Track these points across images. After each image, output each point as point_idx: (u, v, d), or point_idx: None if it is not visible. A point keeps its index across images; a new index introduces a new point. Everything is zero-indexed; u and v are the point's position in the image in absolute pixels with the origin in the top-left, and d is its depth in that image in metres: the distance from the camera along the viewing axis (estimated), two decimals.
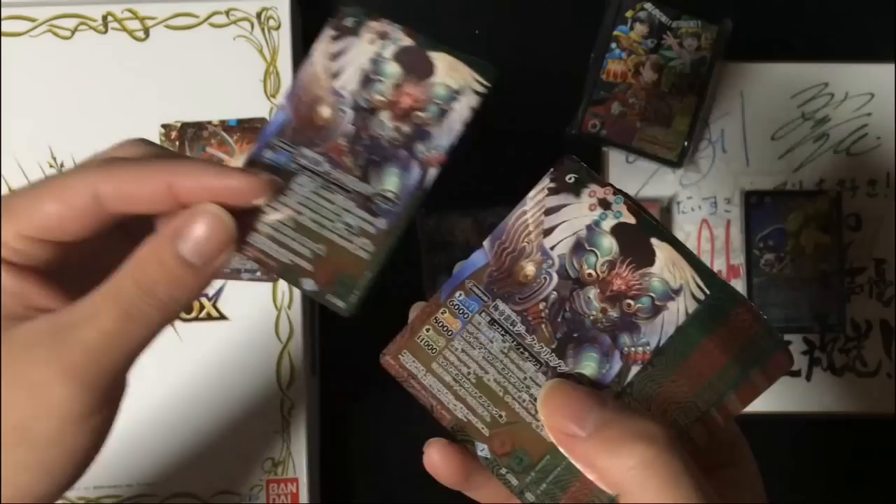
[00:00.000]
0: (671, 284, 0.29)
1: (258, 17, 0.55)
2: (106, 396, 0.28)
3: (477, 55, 0.65)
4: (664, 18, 0.57)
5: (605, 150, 0.58)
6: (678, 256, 0.30)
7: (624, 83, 0.57)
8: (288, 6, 0.55)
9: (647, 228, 0.30)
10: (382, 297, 0.35)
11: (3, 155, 0.54)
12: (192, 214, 0.29)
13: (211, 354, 0.54)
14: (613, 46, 0.57)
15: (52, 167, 0.54)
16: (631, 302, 0.30)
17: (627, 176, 0.58)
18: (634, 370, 0.30)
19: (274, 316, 0.54)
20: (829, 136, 0.59)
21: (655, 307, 0.30)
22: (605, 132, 0.57)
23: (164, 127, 0.55)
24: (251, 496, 0.53)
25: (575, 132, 0.58)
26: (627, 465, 0.27)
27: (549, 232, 0.30)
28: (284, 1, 0.55)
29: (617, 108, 0.57)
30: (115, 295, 0.28)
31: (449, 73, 0.31)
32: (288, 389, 0.53)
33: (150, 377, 0.52)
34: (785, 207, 0.57)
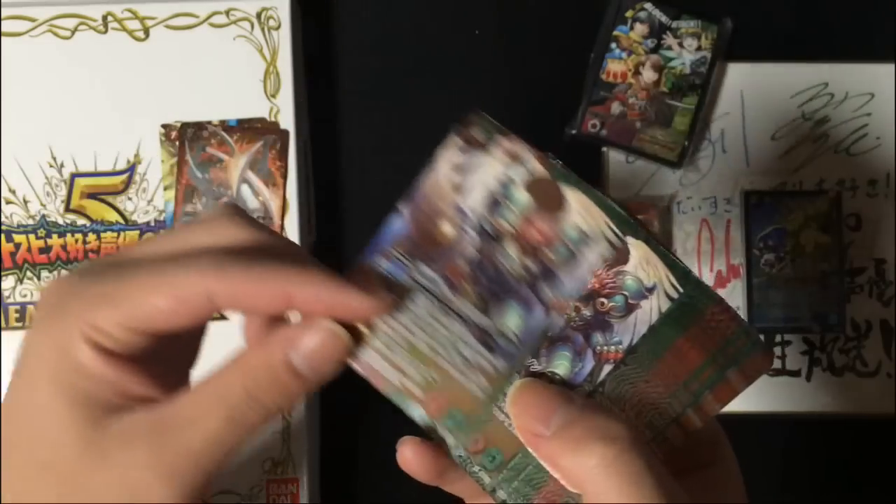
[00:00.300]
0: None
1: (258, 17, 0.55)
2: (201, 496, 0.28)
3: (477, 55, 0.65)
4: (664, 18, 0.57)
5: (605, 150, 0.58)
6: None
7: (624, 83, 0.57)
8: (288, 6, 0.55)
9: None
10: None
11: (3, 155, 0.54)
12: (308, 327, 0.29)
13: (211, 354, 0.53)
14: (613, 46, 0.57)
15: (52, 167, 0.54)
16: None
17: (627, 176, 0.58)
18: (607, 369, 0.30)
19: None
20: (829, 136, 0.59)
21: (629, 305, 0.29)
22: (605, 132, 0.57)
23: (164, 127, 0.55)
24: (251, 496, 0.53)
25: (575, 132, 0.58)
26: (588, 464, 0.27)
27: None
28: (284, 1, 0.55)
29: (617, 108, 0.57)
30: (221, 399, 0.28)
31: (581, 213, 0.29)
32: None
33: None
34: (785, 207, 0.57)
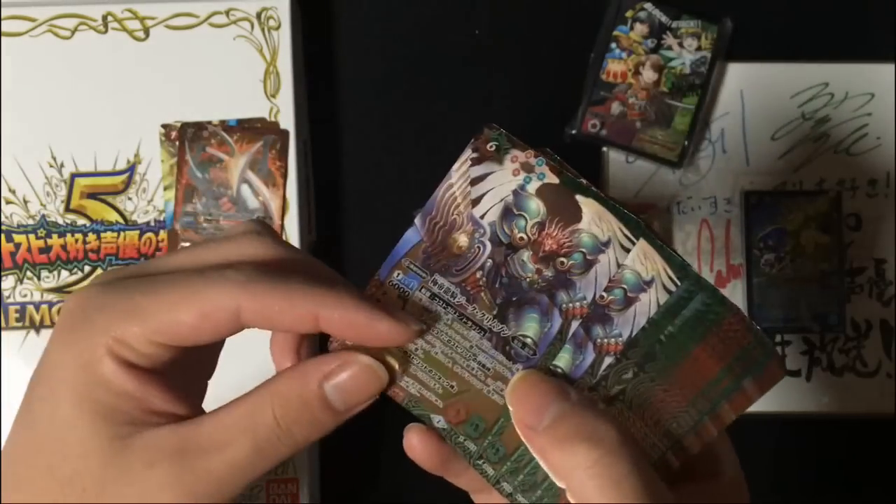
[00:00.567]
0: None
1: (258, 17, 0.55)
2: None
3: (477, 55, 0.65)
4: (664, 18, 0.57)
5: (605, 150, 0.58)
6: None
7: (624, 83, 0.57)
8: (288, 6, 0.55)
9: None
10: None
11: (3, 155, 0.54)
12: (346, 362, 0.28)
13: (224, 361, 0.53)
14: (613, 46, 0.57)
15: (52, 167, 0.54)
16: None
17: (627, 176, 0.58)
18: (608, 361, 0.30)
19: None
20: (829, 136, 0.59)
21: (628, 298, 0.30)
22: (605, 132, 0.57)
23: (164, 127, 0.55)
24: (251, 496, 0.53)
25: (575, 132, 0.58)
26: (572, 463, 0.27)
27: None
28: (284, 1, 0.55)
29: (617, 108, 0.57)
30: (249, 428, 0.27)
31: (595, 221, 0.30)
32: None
33: None
34: (785, 207, 0.57)
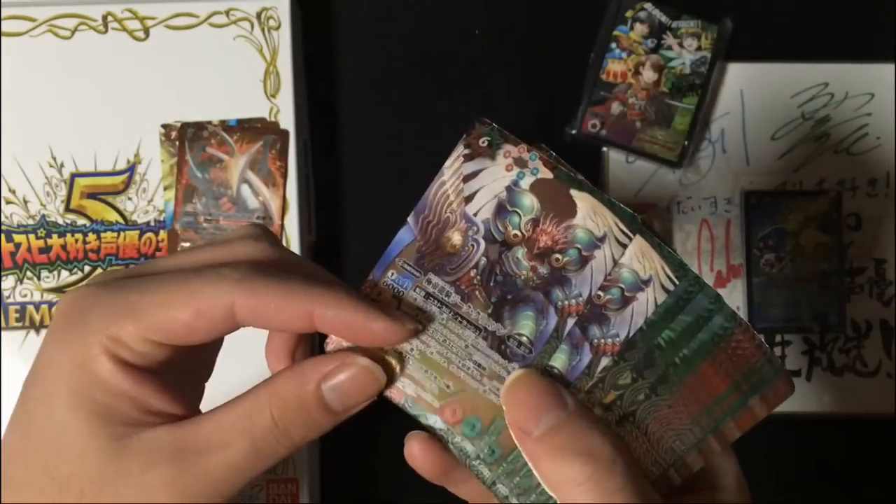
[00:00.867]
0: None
1: (258, 17, 0.55)
2: None
3: (477, 55, 0.65)
4: (664, 18, 0.57)
5: (605, 150, 0.58)
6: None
7: (624, 83, 0.57)
8: (288, 6, 0.55)
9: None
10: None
11: (3, 155, 0.54)
12: (344, 363, 0.28)
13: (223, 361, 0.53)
14: (613, 46, 0.57)
15: (52, 167, 0.54)
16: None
17: (627, 176, 0.58)
18: (604, 363, 0.29)
19: None
20: (829, 136, 0.59)
21: (625, 298, 0.29)
22: (605, 132, 0.57)
23: (164, 127, 0.55)
24: (251, 496, 0.53)
25: (575, 132, 0.58)
26: (564, 476, 0.27)
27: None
28: (284, 1, 0.55)
29: (617, 108, 0.57)
30: (247, 428, 0.27)
31: (590, 215, 0.29)
32: None
33: None
34: (785, 207, 0.57)
